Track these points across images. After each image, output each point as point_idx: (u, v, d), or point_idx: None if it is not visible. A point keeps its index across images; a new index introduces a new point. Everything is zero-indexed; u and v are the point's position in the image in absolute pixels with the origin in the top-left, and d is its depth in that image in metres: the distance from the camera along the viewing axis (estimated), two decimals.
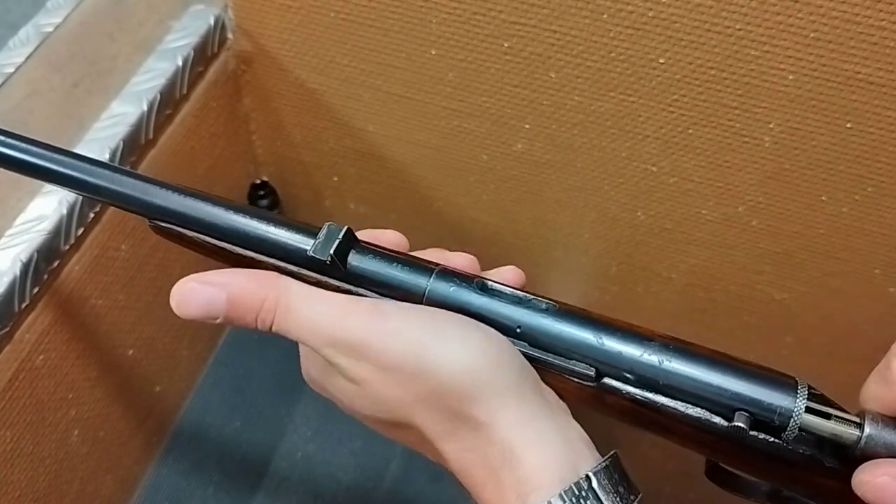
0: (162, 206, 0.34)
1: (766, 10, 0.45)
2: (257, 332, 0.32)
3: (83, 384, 0.55)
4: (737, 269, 0.63)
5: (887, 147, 0.49)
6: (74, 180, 0.35)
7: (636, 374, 0.29)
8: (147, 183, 0.35)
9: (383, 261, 0.32)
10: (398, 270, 0.32)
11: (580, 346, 0.30)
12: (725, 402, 0.28)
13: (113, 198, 0.35)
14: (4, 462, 0.49)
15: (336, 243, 0.31)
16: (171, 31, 0.59)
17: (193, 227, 0.34)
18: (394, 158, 0.67)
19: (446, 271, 0.32)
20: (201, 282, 0.32)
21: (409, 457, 0.73)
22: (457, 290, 0.31)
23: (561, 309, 0.31)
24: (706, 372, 0.29)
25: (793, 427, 0.28)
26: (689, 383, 0.29)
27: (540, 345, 0.30)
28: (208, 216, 0.34)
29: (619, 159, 0.57)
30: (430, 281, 0.31)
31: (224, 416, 0.74)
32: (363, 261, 0.32)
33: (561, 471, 0.28)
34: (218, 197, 0.35)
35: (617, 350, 0.29)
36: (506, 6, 0.51)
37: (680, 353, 0.29)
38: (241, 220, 0.33)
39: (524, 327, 0.30)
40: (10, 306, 0.45)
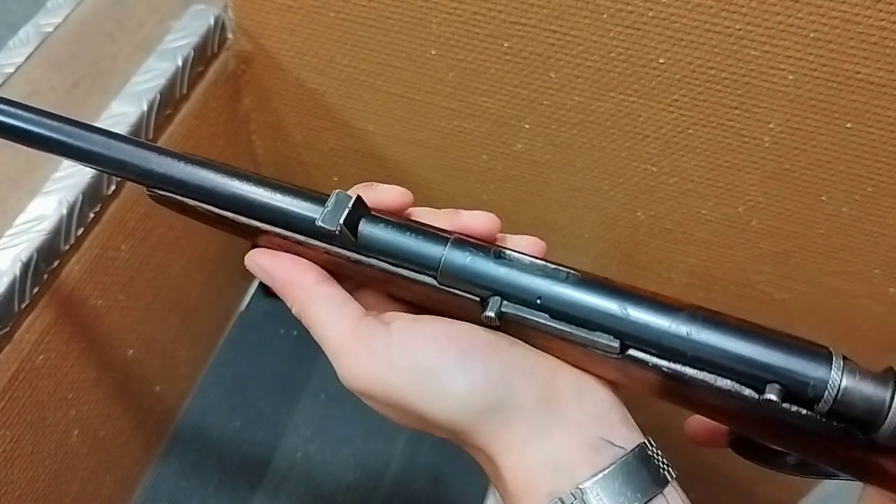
0: (161, 173, 0.32)
1: (766, 10, 0.45)
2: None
3: (83, 384, 0.55)
4: (737, 269, 0.63)
5: (887, 147, 0.49)
6: (67, 146, 0.33)
7: (663, 345, 0.28)
8: (145, 149, 0.33)
9: (396, 230, 0.30)
10: (411, 240, 0.30)
11: (604, 317, 0.28)
12: (757, 373, 0.27)
13: (109, 165, 0.33)
14: (4, 462, 0.49)
15: (346, 212, 0.29)
16: (171, 31, 0.59)
17: (194, 195, 0.32)
18: (394, 158, 0.67)
19: (461, 240, 0.30)
20: (260, 252, 0.34)
21: (409, 457, 0.73)
22: (473, 259, 0.29)
23: (583, 278, 0.29)
24: (737, 342, 0.27)
25: (827, 400, 0.26)
26: (719, 355, 0.27)
27: (561, 316, 0.29)
28: (210, 184, 0.32)
29: (619, 159, 0.57)
30: (445, 250, 0.30)
31: (224, 416, 0.74)
32: (374, 230, 0.30)
33: (551, 483, 0.29)
34: (221, 163, 0.33)
35: (643, 321, 0.28)
36: (506, 6, 0.51)
37: (709, 322, 0.28)
38: (246, 187, 0.32)
39: (544, 298, 0.29)
40: (10, 306, 0.45)
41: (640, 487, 0.29)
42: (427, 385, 0.30)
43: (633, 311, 0.28)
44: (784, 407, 0.27)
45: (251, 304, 0.81)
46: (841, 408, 0.27)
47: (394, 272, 0.31)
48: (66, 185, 0.49)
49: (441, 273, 0.30)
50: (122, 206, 0.54)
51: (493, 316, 0.29)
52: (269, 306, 0.81)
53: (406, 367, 0.30)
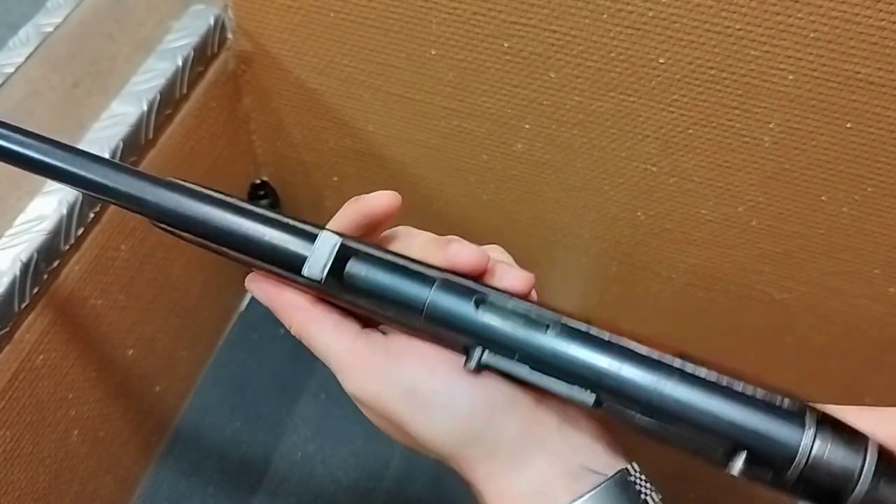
0: (154, 203, 0.32)
1: (766, 10, 0.45)
2: None
3: (83, 384, 0.55)
4: (737, 269, 0.63)
5: (887, 147, 0.49)
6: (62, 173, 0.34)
7: (637, 402, 0.28)
8: (141, 180, 0.33)
9: (382, 271, 0.31)
10: (397, 282, 0.30)
11: (580, 373, 0.29)
12: (727, 439, 0.27)
13: (102, 193, 0.33)
14: (4, 462, 0.49)
15: (330, 263, 0.30)
16: (171, 31, 0.59)
17: (189, 230, 0.32)
18: (394, 158, 0.67)
19: (447, 283, 0.30)
20: (257, 286, 0.35)
21: (409, 457, 0.73)
22: (456, 306, 0.30)
23: (563, 330, 0.29)
24: (711, 405, 0.27)
25: (793, 472, 0.27)
26: (692, 417, 0.27)
27: (540, 368, 0.29)
28: (204, 218, 0.32)
29: (619, 159, 0.57)
30: (430, 294, 0.30)
31: (224, 416, 0.74)
32: (360, 273, 0.31)
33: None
34: (215, 193, 0.33)
35: (618, 377, 0.28)
36: (506, 6, 0.51)
37: (686, 381, 0.28)
38: (240, 222, 0.32)
39: (520, 353, 0.29)
40: (10, 306, 0.45)
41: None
42: (415, 408, 0.31)
43: (609, 367, 0.28)
44: (752, 473, 0.27)
45: (251, 304, 0.81)
46: (809, 476, 0.27)
47: (380, 312, 0.31)
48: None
49: (424, 317, 0.30)
50: None
51: (472, 367, 0.30)
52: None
53: (398, 386, 0.31)
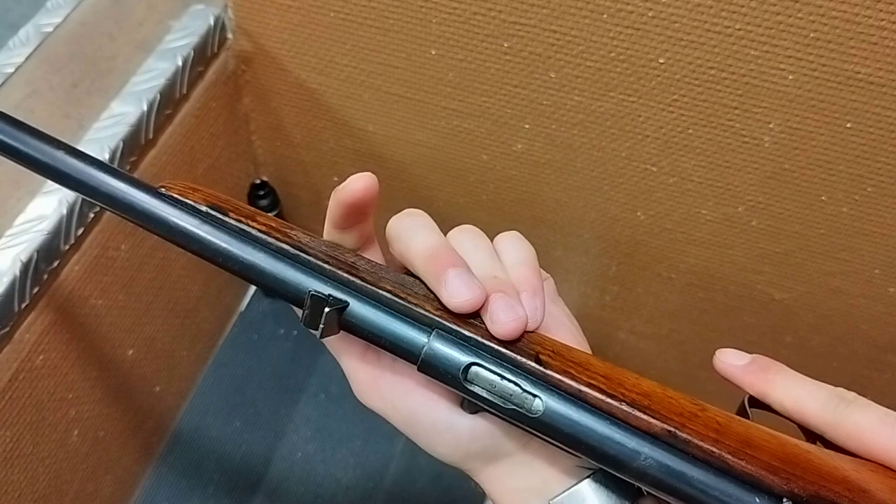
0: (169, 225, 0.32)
1: (766, 10, 0.45)
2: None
3: (83, 384, 0.55)
4: (737, 269, 0.63)
5: (887, 147, 0.49)
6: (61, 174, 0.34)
7: (621, 471, 0.29)
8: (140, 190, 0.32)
9: (380, 316, 0.30)
10: (392, 331, 0.30)
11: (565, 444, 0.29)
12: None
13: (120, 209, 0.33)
14: (4, 462, 0.49)
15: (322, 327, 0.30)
16: (170, 31, 0.59)
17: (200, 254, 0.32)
18: (394, 158, 0.67)
19: (441, 337, 0.30)
20: None
21: (409, 457, 0.73)
22: (445, 371, 0.29)
23: (549, 403, 0.29)
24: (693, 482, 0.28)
25: None
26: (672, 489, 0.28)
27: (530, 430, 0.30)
28: (215, 244, 0.31)
29: (619, 159, 0.57)
30: (424, 347, 0.30)
31: (224, 416, 0.74)
32: (357, 321, 0.31)
33: (525, 502, 0.32)
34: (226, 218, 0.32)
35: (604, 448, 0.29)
36: (506, 6, 0.51)
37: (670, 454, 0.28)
38: (249, 254, 0.31)
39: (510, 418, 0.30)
40: (10, 306, 0.45)
41: (607, 500, 0.31)
42: (420, 431, 0.32)
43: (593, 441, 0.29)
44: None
45: (251, 304, 0.81)
46: None
47: (381, 350, 0.31)
48: None
49: (419, 369, 0.30)
50: None
51: (469, 412, 0.31)
52: (269, 306, 0.81)
53: (401, 411, 0.33)
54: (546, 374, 0.29)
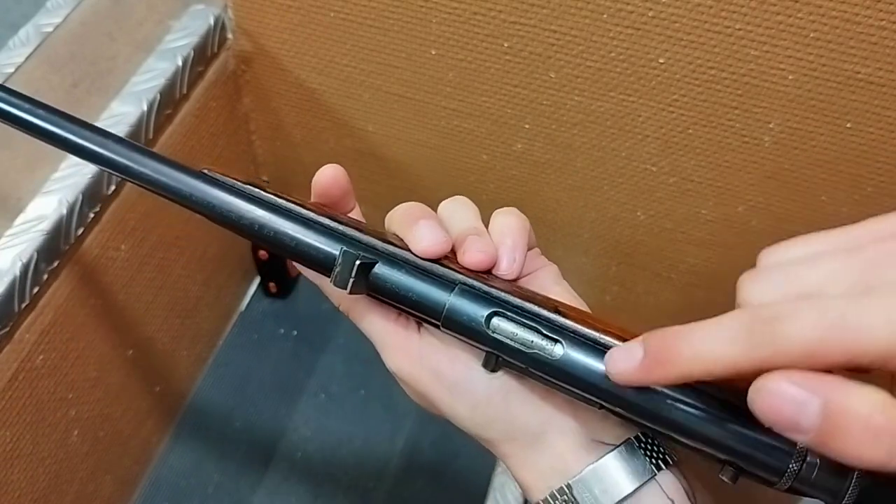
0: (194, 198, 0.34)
1: (766, 10, 0.45)
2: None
3: (83, 384, 0.55)
4: (737, 269, 0.63)
5: (887, 147, 0.49)
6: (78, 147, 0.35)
7: (642, 415, 0.29)
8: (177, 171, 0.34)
9: (403, 276, 0.32)
10: (416, 290, 0.32)
11: (588, 388, 0.30)
12: (718, 453, 0.29)
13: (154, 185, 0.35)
14: (4, 462, 0.49)
15: (351, 281, 0.31)
16: (170, 30, 0.59)
17: (225, 225, 0.34)
18: (394, 158, 0.67)
19: (465, 292, 0.32)
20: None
21: (409, 457, 0.73)
22: (468, 321, 0.31)
23: (570, 346, 0.30)
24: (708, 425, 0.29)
25: (780, 487, 0.28)
26: (688, 433, 0.29)
27: (551, 380, 0.31)
28: (237, 214, 0.34)
29: (618, 159, 0.57)
30: (447, 303, 0.31)
31: (224, 416, 0.74)
32: (382, 281, 0.32)
33: (547, 480, 0.32)
34: (249, 188, 0.34)
35: (623, 395, 0.29)
36: (506, 6, 0.51)
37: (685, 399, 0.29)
38: (274, 225, 0.33)
39: (532, 367, 0.31)
40: (10, 306, 0.45)
41: (626, 477, 0.31)
42: (442, 390, 0.33)
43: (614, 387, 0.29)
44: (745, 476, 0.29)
45: (251, 304, 0.81)
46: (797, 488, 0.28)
47: (406, 311, 0.33)
48: (66, 185, 0.49)
49: (443, 325, 0.32)
50: (122, 206, 0.54)
51: (489, 369, 0.32)
52: (269, 306, 0.81)
53: (427, 368, 0.33)
54: (565, 323, 0.30)
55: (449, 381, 0.33)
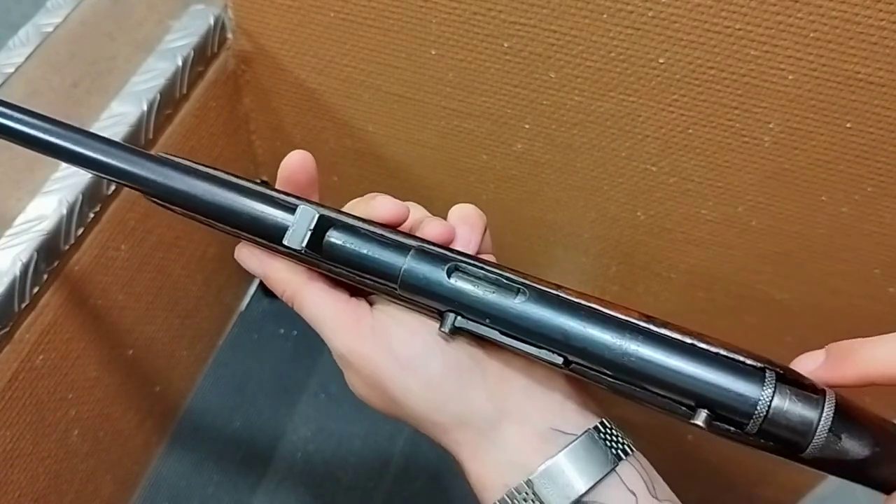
0: (148, 180, 0.35)
1: (766, 10, 0.45)
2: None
3: (83, 384, 0.55)
4: (737, 269, 0.63)
5: (887, 147, 0.49)
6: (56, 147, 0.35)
7: (603, 363, 0.29)
8: (134, 155, 0.35)
9: (359, 241, 0.32)
10: (374, 252, 0.32)
11: (548, 336, 0.30)
12: (689, 395, 0.28)
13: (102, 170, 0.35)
14: (4, 462, 0.49)
15: (308, 235, 0.32)
16: (170, 30, 0.59)
17: (177, 204, 0.35)
18: (394, 158, 0.67)
19: (421, 253, 0.32)
20: (248, 254, 0.36)
21: (409, 457, 0.73)
22: (429, 274, 0.31)
23: (531, 294, 0.30)
24: (673, 363, 0.28)
25: (753, 424, 0.28)
26: (655, 375, 0.28)
27: (510, 332, 0.30)
28: (191, 192, 0.34)
29: (618, 159, 0.57)
30: (405, 263, 0.31)
31: (224, 416, 0.74)
32: (338, 244, 0.32)
33: (504, 476, 0.31)
34: (203, 168, 0.35)
35: (584, 340, 0.29)
36: (506, 6, 0.51)
37: (650, 342, 0.29)
38: (224, 196, 0.34)
39: (492, 318, 0.31)
40: (10, 306, 0.45)
41: (587, 469, 0.30)
42: (396, 369, 0.32)
43: (576, 330, 0.30)
44: (714, 426, 0.28)
45: (251, 304, 0.81)
46: (769, 429, 0.28)
47: (360, 280, 0.33)
48: (66, 185, 0.49)
49: (400, 285, 0.32)
50: (122, 206, 0.54)
51: (446, 332, 0.31)
52: (269, 306, 0.81)
53: (381, 346, 0.33)
54: (526, 276, 0.31)
55: (403, 357, 0.32)
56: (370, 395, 0.34)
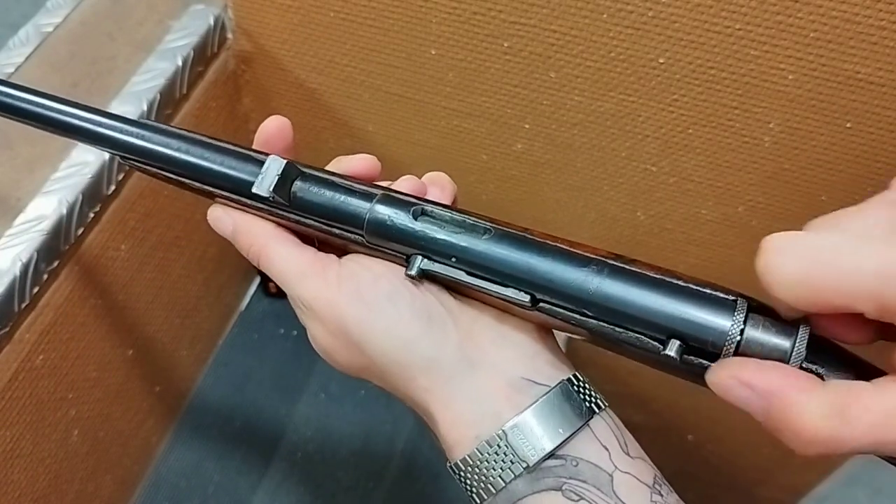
0: (118, 140, 0.36)
1: (766, 10, 0.45)
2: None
3: (83, 384, 0.55)
4: (737, 269, 0.63)
5: (887, 147, 0.49)
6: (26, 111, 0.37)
7: (570, 299, 0.29)
8: (110, 119, 0.36)
9: (327, 190, 0.33)
10: (340, 200, 0.32)
11: (514, 273, 0.30)
12: (659, 328, 0.27)
13: (72, 131, 0.37)
14: (4, 462, 0.49)
15: (275, 182, 0.32)
16: (170, 30, 0.59)
17: (150, 162, 0.36)
18: (394, 158, 0.67)
19: (387, 198, 0.32)
20: (220, 212, 0.37)
21: (409, 457, 0.73)
22: (394, 217, 0.32)
23: (497, 234, 0.31)
24: (641, 295, 0.28)
25: (726, 355, 0.27)
26: (623, 309, 0.28)
27: (476, 272, 0.30)
28: (165, 150, 0.35)
29: (618, 159, 0.57)
30: (370, 209, 0.32)
31: (224, 416, 0.74)
32: (306, 192, 0.33)
33: (476, 427, 0.30)
34: (173, 128, 0.36)
35: (551, 276, 0.29)
36: (506, 6, 0.51)
37: (616, 276, 0.29)
38: (200, 152, 0.35)
39: (459, 257, 0.31)
40: (10, 306, 0.45)
41: (561, 422, 0.30)
42: (363, 312, 0.32)
43: (542, 267, 0.29)
44: (686, 361, 0.27)
45: (251, 304, 0.81)
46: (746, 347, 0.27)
47: (327, 230, 0.33)
48: (66, 185, 0.49)
49: (367, 229, 0.32)
50: (122, 206, 0.54)
51: (413, 275, 0.32)
52: (269, 306, 0.81)
53: (349, 291, 0.33)
54: (493, 220, 0.32)
55: (370, 297, 0.32)
56: (334, 345, 0.34)
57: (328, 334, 0.34)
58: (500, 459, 0.29)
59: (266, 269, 0.35)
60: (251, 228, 0.36)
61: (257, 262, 0.36)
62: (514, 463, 0.29)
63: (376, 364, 0.32)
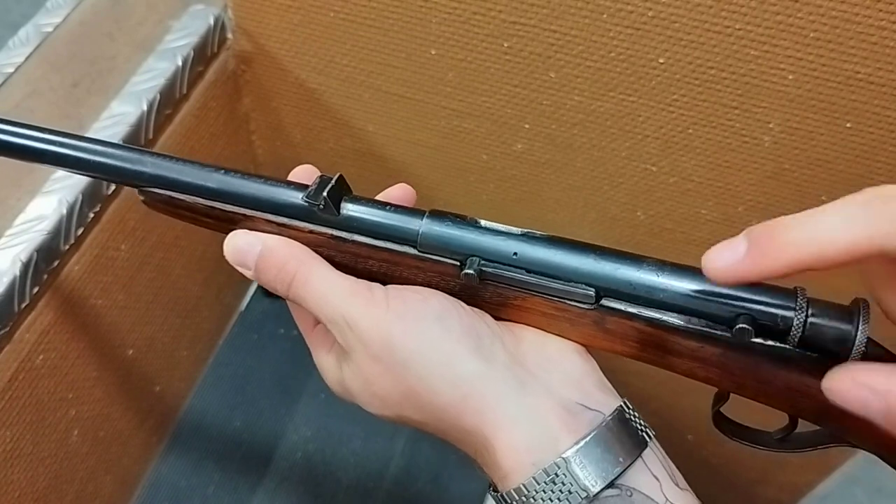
0: (151, 173, 0.35)
1: (766, 10, 0.45)
2: (277, 294, 0.35)
3: (83, 384, 0.55)
4: None
5: (887, 147, 0.49)
6: (55, 156, 0.35)
7: (636, 290, 0.29)
8: (135, 153, 0.36)
9: (375, 206, 0.33)
10: (391, 215, 0.32)
11: (578, 268, 0.30)
12: (727, 309, 0.28)
13: (101, 171, 0.35)
14: (4, 462, 0.49)
15: (329, 187, 0.32)
16: (170, 30, 0.59)
17: (183, 189, 0.35)
18: (394, 158, 0.67)
19: (437, 213, 0.32)
20: (247, 231, 0.35)
21: (409, 457, 0.73)
22: (450, 227, 0.32)
23: (554, 237, 0.31)
24: (704, 283, 0.28)
25: (797, 327, 0.27)
26: (690, 295, 0.28)
27: (537, 270, 0.30)
28: (198, 178, 0.35)
29: (618, 159, 0.57)
30: (423, 222, 0.32)
31: (224, 416, 0.74)
32: (356, 207, 0.33)
33: (533, 453, 0.29)
34: (205, 162, 0.36)
35: (614, 269, 0.29)
36: (506, 6, 0.51)
37: (675, 268, 0.29)
38: (231, 179, 0.35)
39: (520, 253, 0.30)
40: (10, 306, 0.45)
41: (621, 451, 0.29)
42: (412, 326, 0.31)
43: (604, 262, 0.30)
44: (757, 341, 0.28)
45: (251, 304, 0.81)
46: (811, 337, 0.27)
47: (376, 246, 0.33)
48: (66, 185, 0.49)
49: (420, 243, 0.32)
50: (122, 206, 0.54)
51: (473, 273, 0.31)
52: (269, 306, 0.81)
53: (397, 308, 0.31)
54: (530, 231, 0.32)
55: (419, 315, 0.31)
56: (374, 372, 0.31)
57: (369, 359, 0.32)
58: (559, 489, 0.28)
59: (301, 289, 0.33)
60: (286, 248, 0.34)
61: (289, 282, 0.34)
62: (573, 493, 0.28)
63: (422, 386, 0.31)
